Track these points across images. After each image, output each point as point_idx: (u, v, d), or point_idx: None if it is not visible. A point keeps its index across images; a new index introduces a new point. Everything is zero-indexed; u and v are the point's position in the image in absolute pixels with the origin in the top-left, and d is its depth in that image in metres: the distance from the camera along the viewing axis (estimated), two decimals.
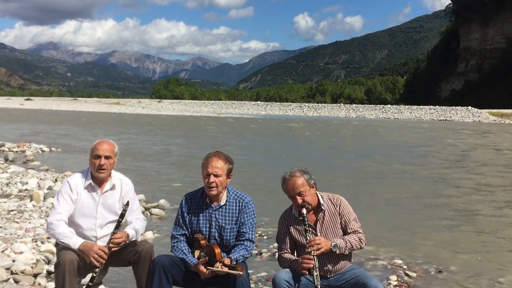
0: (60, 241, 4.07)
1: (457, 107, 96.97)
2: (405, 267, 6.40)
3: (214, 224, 4.20)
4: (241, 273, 3.78)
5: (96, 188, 4.29)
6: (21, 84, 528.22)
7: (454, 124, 64.12)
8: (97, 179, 4.29)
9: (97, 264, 3.95)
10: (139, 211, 4.48)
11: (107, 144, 4.30)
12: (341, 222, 4.09)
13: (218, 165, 4.12)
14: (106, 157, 4.24)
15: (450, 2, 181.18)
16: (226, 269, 3.81)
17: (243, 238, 4.18)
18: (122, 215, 4.15)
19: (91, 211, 4.27)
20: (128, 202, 4.21)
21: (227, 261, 3.89)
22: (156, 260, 4.10)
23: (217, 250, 4.00)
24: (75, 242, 4.02)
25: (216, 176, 4.10)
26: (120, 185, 4.39)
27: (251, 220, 4.24)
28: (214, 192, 4.14)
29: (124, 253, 4.21)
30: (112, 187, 4.35)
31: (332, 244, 3.92)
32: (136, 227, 4.29)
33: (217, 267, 3.84)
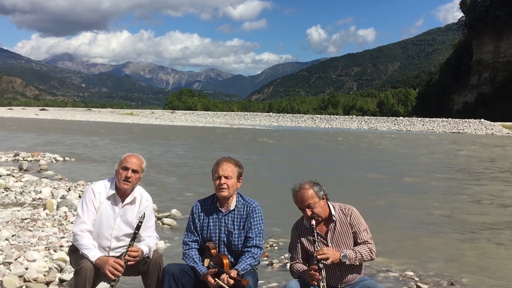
0: (81, 252, 4.14)
1: (469, 119, 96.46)
2: (416, 279, 6.35)
3: (223, 229, 4.25)
4: None
5: (118, 200, 4.35)
6: (36, 94, 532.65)
7: (467, 136, 63.69)
8: (120, 190, 4.34)
9: (113, 277, 4.00)
10: (153, 229, 4.51)
11: (136, 159, 4.37)
12: (351, 232, 4.09)
13: (229, 168, 4.22)
14: (134, 171, 4.30)
15: (463, 15, 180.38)
16: (231, 286, 3.86)
17: (250, 244, 4.21)
18: (138, 227, 4.18)
19: (109, 222, 4.32)
20: (144, 214, 4.24)
21: (233, 273, 3.93)
22: (166, 268, 4.14)
23: (225, 261, 4.05)
24: (93, 255, 4.09)
25: (226, 178, 4.18)
26: (140, 200, 4.44)
27: (258, 226, 4.27)
28: (225, 193, 4.19)
29: None
30: (132, 201, 4.40)
31: (341, 254, 3.91)
32: (150, 244, 4.33)
33: (223, 279, 3.90)
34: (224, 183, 4.17)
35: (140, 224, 4.17)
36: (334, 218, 4.08)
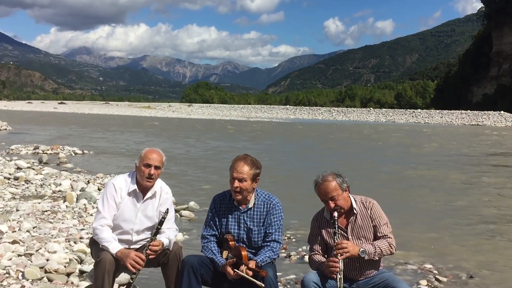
0: (101, 245, 4.16)
1: (489, 111, 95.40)
2: (435, 272, 6.33)
3: (242, 226, 4.23)
4: (263, 285, 3.81)
5: (139, 195, 4.35)
6: (55, 88, 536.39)
7: (487, 128, 62.95)
8: (142, 186, 4.34)
9: (134, 270, 4.02)
10: (172, 220, 4.51)
11: (157, 154, 4.34)
12: (372, 226, 4.06)
13: (244, 170, 4.12)
14: (156, 167, 4.29)
15: (483, 5, 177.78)
16: (250, 277, 3.85)
17: (270, 239, 4.19)
18: (161, 222, 4.19)
19: (130, 217, 4.33)
20: (167, 210, 4.24)
21: (252, 264, 3.93)
22: (185, 260, 4.14)
23: (244, 253, 4.04)
24: (114, 247, 4.10)
25: (240, 181, 4.11)
26: (160, 193, 4.44)
27: (278, 222, 4.24)
28: (238, 197, 4.16)
29: None
30: (153, 195, 4.40)
31: (360, 249, 3.87)
32: (170, 237, 4.33)
33: (242, 270, 3.89)
34: (238, 187, 4.11)
35: (163, 219, 4.18)
36: (355, 211, 4.05)
